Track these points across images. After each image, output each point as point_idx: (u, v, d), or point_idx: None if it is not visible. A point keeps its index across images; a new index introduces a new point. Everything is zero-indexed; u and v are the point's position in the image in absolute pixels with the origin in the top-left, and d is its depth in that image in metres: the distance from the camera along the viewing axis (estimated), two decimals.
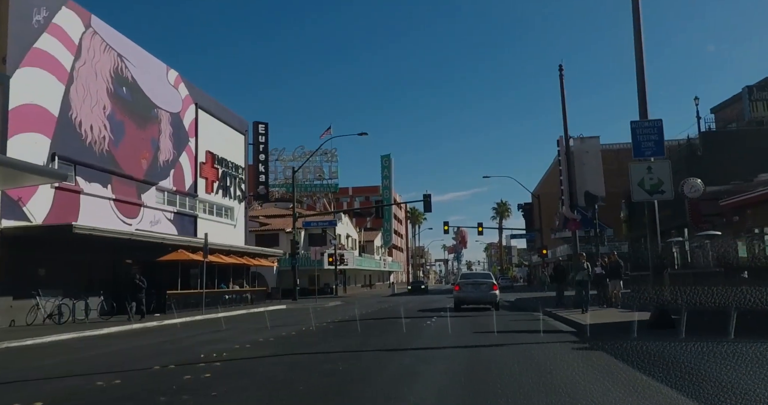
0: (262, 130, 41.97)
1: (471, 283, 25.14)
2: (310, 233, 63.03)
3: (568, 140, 22.94)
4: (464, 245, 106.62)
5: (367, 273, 76.78)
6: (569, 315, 17.26)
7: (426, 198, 40.91)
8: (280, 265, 59.36)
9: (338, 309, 30.57)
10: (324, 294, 58.70)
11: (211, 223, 35.83)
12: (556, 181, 67.91)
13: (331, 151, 78.18)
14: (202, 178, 35.15)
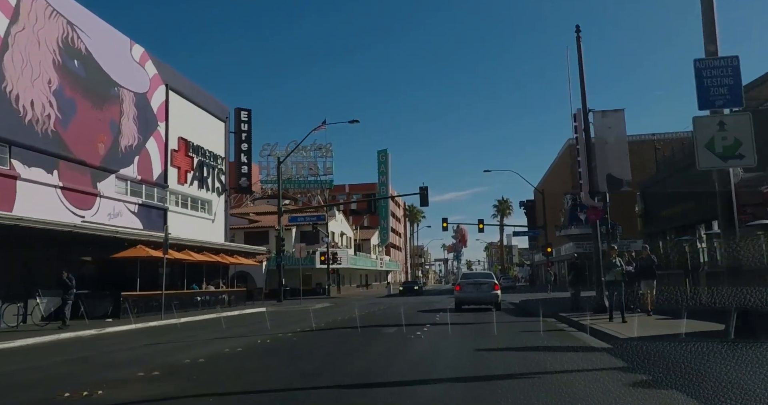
0: (245, 117, 38.23)
1: (472, 283, 24.49)
2: (302, 231, 59.30)
3: (587, 114, 19.14)
4: (464, 244, 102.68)
5: (362, 273, 73.03)
6: (597, 324, 13.47)
7: (422, 191, 37.19)
8: (270, 264, 55.69)
9: (321, 312, 26.84)
10: (316, 294, 55.01)
11: (185, 218, 32.11)
12: (560, 176, 63.85)
13: (326, 146, 74.41)
14: (174, 167, 31.41)
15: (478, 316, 20.54)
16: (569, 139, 58.45)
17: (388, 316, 21.49)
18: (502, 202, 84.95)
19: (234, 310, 28.40)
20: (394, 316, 22.30)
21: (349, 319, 20.56)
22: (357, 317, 22.04)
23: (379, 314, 22.52)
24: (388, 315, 22.90)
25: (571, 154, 60.57)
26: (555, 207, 58.69)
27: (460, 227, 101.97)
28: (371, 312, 24.97)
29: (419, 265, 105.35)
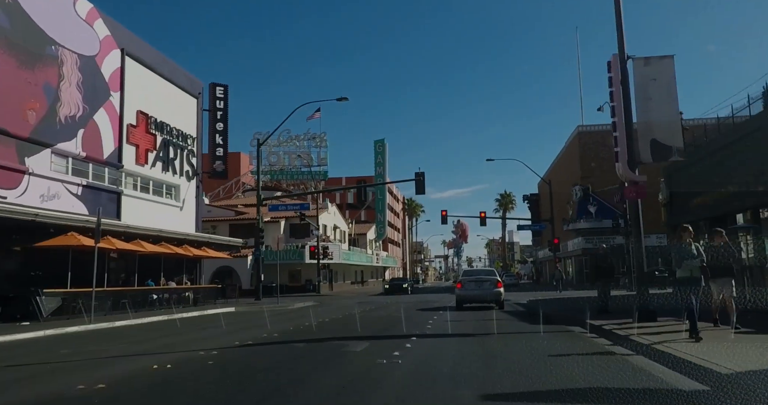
0: (221, 94, 33.74)
1: (474, 281, 23.57)
2: (291, 224, 54.91)
3: (625, 61, 14.55)
4: (464, 240, 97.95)
5: (357, 269, 68.58)
6: (665, 344, 8.90)
7: (418, 177, 32.73)
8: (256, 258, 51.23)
9: (294, 314, 22.44)
10: (305, 292, 50.59)
11: (144, 203, 27.66)
12: (568, 167, 59.10)
13: (320, 136, 69.96)
14: (131, 145, 26.95)
15: (482, 323, 16.12)
16: (578, 125, 53.92)
17: (369, 322, 17.08)
18: (504, 197, 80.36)
19: (196, 311, 23.97)
20: (377, 321, 17.95)
21: (321, 326, 16.18)
22: (331, 322, 17.71)
23: (360, 318, 18.19)
24: (370, 319, 18.47)
25: (581, 142, 55.97)
26: (562, 200, 54.15)
27: (461, 222, 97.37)
28: (352, 314, 20.55)
29: (418, 261, 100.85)
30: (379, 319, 18.58)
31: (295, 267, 52.71)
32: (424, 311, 22.49)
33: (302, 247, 50.63)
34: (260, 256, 33.45)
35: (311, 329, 15.03)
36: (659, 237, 49.63)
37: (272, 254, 51.11)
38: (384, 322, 17.81)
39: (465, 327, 15.02)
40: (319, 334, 13.56)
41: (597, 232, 50.31)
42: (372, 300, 34.05)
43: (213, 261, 50.13)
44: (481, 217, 49.39)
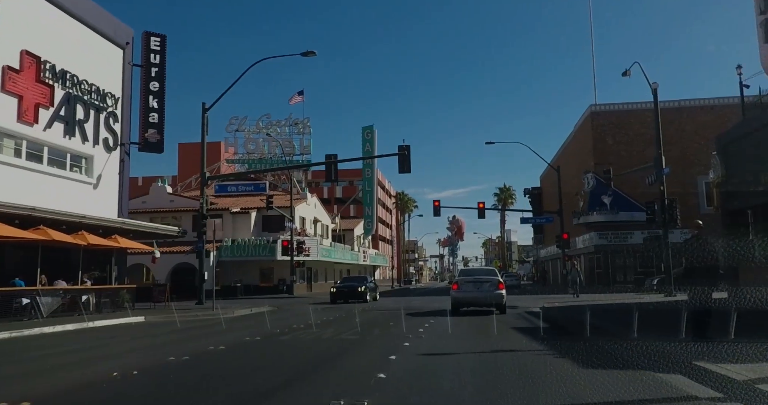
0: (156, 46, 26.42)
1: (472, 281, 20.11)
2: (264, 215, 47.63)
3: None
4: (460, 237, 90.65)
5: (341, 267, 61.28)
6: None
7: (402, 150, 25.59)
8: (221, 254, 43.99)
9: (211, 331, 15.21)
10: (276, 293, 43.28)
11: (35, 176, 20.34)
12: (579, 152, 50.98)
13: (303, 121, 62.73)
14: (11, 95, 19.63)
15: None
16: (591, 105, 46.69)
17: (329, 335, 9.90)
18: (503, 191, 73.14)
19: (74, 323, 16.66)
20: (327, 342, 10.78)
21: (254, 343, 9.08)
22: (278, 334, 10.65)
23: (315, 334, 11.10)
24: (302, 346, 11.23)
25: (594, 124, 48.61)
26: (570, 191, 46.86)
27: (456, 218, 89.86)
28: (304, 328, 13.55)
29: (411, 261, 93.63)
30: (334, 339, 11.47)
31: (266, 264, 45.47)
32: (415, 314, 15.22)
33: (274, 241, 43.38)
34: (202, 249, 26.17)
35: (244, 347, 7.90)
36: (684, 232, 42.42)
37: (239, 249, 43.91)
38: (338, 345, 10.63)
39: (464, 363, 7.70)
40: (251, 362, 6.39)
41: (613, 226, 43.12)
42: (344, 305, 26.79)
43: (170, 258, 43.03)
44: (479, 208, 42.17)
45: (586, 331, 11.27)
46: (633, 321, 9.85)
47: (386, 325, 15.57)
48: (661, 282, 32.99)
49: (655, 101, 27.13)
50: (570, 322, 14.62)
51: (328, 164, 26.60)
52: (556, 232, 57.53)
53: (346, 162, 26.61)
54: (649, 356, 7.84)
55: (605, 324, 12.70)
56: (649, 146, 41.09)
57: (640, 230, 42.67)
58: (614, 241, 42.96)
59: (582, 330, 11.44)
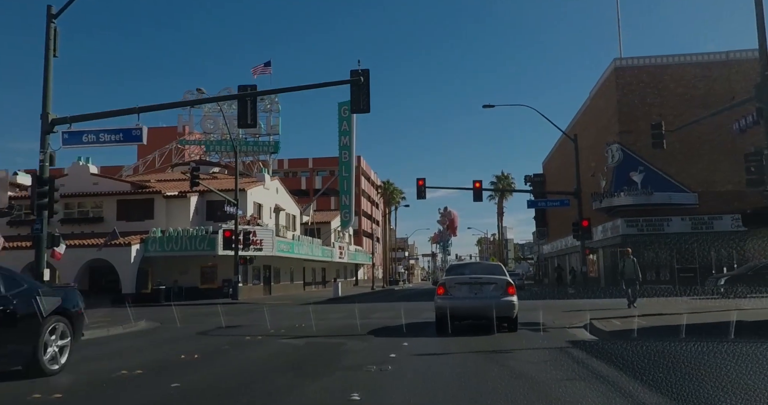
0: None
1: (467, 283, 12.19)
2: (209, 200, 37.67)
3: None
4: (453, 232, 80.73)
5: (314, 266, 51.36)
6: None
7: (356, 76, 15.81)
8: (147, 249, 34.00)
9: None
10: (222, 296, 33.22)
11: None
12: (599, 118, 39.41)
13: (270, 97, 52.66)
14: None
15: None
16: (615, 59, 36.73)
17: None
18: (501, 179, 63.42)
19: None
20: None
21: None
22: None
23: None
24: None
25: (619, 83, 38.15)
26: (587, 170, 36.99)
27: (449, 210, 79.91)
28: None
29: (397, 260, 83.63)
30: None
31: (207, 261, 35.47)
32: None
33: (215, 231, 33.40)
34: (40, 232, 16.13)
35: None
36: (735, 218, 32.57)
37: (171, 241, 33.85)
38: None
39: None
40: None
41: (646, 211, 33.30)
42: (281, 315, 16.90)
43: (80, 253, 33.07)
44: (475, 189, 32.32)
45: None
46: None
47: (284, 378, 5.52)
48: (732, 281, 23.23)
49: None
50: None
51: (242, 103, 16.68)
52: (564, 222, 47.85)
53: (265, 94, 16.65)
54: None
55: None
56: (692, 108, 31.33)
57: (680, 216, 32.94)
58: (647, 230, 33.15)
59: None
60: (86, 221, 36.25)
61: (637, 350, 8.52)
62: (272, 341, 10.90)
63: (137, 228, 34.77)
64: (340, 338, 11.11)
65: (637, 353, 8.26)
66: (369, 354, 8.69)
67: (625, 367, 7.00)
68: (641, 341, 9.28)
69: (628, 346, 8.93)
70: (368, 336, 11.34)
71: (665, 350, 8.38)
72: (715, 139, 33.36)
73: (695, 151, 33.15)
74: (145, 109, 16.57)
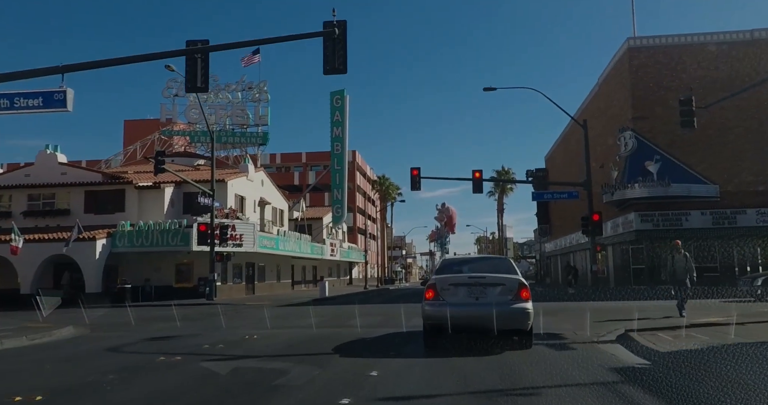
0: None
1: (465, 284, 8.99)
2: (185, 192, 34.47)
3: None
4: (451, 229, 77.40)
5: (304, 263, 48.21)
6: None
7: (330, 27, 12.69)
8: (114, 244, 30.82)
9: None
10: (197, 296, 30.03)
11: None
12: (610, 103, 33.58)
13: (259, 86, 49.86)
14: None
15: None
16: (629, 38, 33.56)
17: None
18: (501, 173, 60.18)
19: None
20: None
21: None
22: None
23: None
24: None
25: (632, 64, 34.65)
26: (599, 157, 33.75)
27: (446, 206, 76.42)
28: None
29: (393, 258, 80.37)
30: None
31: (182, 258, 32.25)
32: None
33: (189, 225, 30.19)
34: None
35: None
36: (761, 212, 29.44)
37: (141, 235, 30.53)
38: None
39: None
40: None
41: (662, 205, 30.09)
42: (206, 323, 13.72)
43: (40, 249, 29.91)
44: (474, 178, 29.11)
45: None
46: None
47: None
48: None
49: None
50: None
51: (190, 61, 13.46)
52: (567, 219, 44.68)
53: (218, 50, 13.39)
54: None
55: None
56: (713, 92, 28.05)
57: (700, 210, 29.71)
58: (663, 225, 29.95)
59: None
60: (51, 214, 33.07)
61: (738, 390, 5.34)
62: (187, 365, 7.76)
63: (107, 221, 31.57)
64: (289, 360, 7.96)
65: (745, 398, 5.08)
66: (310, 396, 5.56)
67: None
68: (730, 370, 6.09)
69: (715, 382, 5.75)
70: (329, 356, 8.19)
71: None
72: (740, 126, 30.27)
73: (717, 139, 30.00)
74: (70, 69, 13.34)
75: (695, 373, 6.25)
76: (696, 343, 7.98)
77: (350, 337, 10.54)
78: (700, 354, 7.28)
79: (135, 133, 61.41)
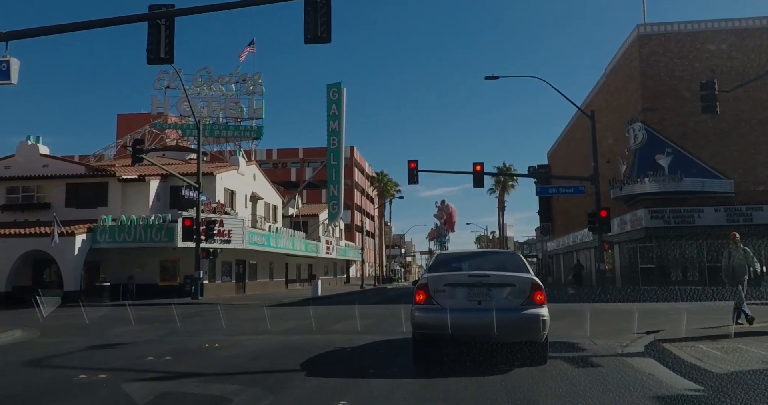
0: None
1: (465, 284, 7.06)
2: (172, 185, 32.74)
3: None
4: (451, 227, 75.54)
5: (298, 262, 46.52)
6: None
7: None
8: (96, 239, 29.12)
9: None
10: (183, 295, 28.32)
11: None
12: (619, 93, 29.99)
13: (253, 78, 48.18)
14: None
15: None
16: (638, 25, 31.81)
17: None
18: (503, 170, 58.44)
19: None
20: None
21: None
22: None
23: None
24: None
25: (642, 52, 32.51)
26: (605, 152, 31.98)
27: (446, 203, 74.63)
28: None
29: (392, 257, 78.65)
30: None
31: (167, 254, 30.53)
32: None
33: (174, 220, 28.48)
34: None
35: None
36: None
37: (123, 230, 28.87)
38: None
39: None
40: None
41: (673, 200, 28.34)
42: (185, 327, 12.02)
43: (16, 244, 28.27)
44: (475, 172, 27.38)
45: None
46: None
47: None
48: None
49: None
50: None
51: (153, 28, 11.73)
52: (571, 217, 42.89)
53: (184, 14, 11.58)
54: None
55: None
56: (728, 82, 26.18)
57: (713, 206, 27.95)
58: (674, 222, 28.20)
59: None
60: (31, 208, 31.37)
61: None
62: (105, 387, 6.07)
63: (89, 216, 29.83)
64: (239, 381, 6.26)
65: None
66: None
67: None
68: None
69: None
70: (292, 375, 6.49)
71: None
72: (754, 118, 28.52)
73: (731, 131, 28.26)
74: (14, 36, 11.61)
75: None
76: (758, 361, 6.26)
77: (328, 347, 8.84)
78: (762, 375, 5.56)
79: (128, 127, 59.55)
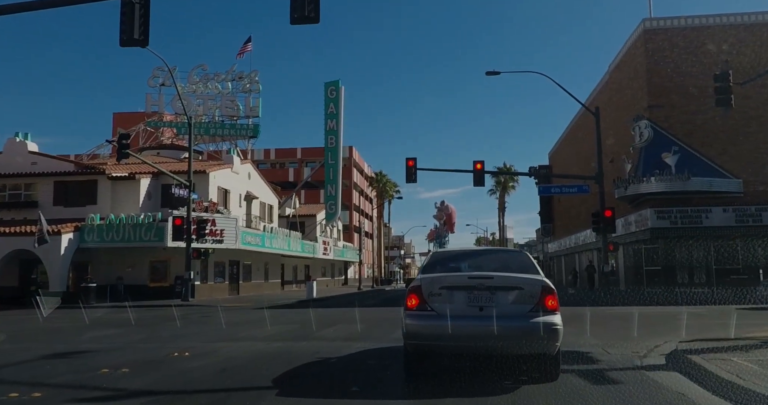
0: None
1: (465, 287, 5.94)
2: (164, 184, 31.74)
3: None
4: (450, 228, 74.40)
5: (295, 263, 45.50)
6: None
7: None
8: (83, 239, 28.14)
9: None
10: (173, 297, 27.31)
11: None
12: (623, 89, 27.91)
13: (250, 76, 47.24)
14: None
15: None
16: (644, 19, 30.85)
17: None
18: (503, 170, 57.43)
19: None
20: None
21: None
22: None
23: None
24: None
25: (648, 47, 31.33)
26: (608, 152, 30.97)
27: (446, 204, 73.49)
28: None
29: (390, 258, 77.50)
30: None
31: (157, 255, 29.52)
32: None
33: (164, 219, 27.49)
34: None
35: None
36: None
37: (112, 230, 27.84)
38: None
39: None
40: None
41: (680, 200, 27.35)
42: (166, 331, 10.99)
43: (0, 243, 27.30)
44: (476, 170, 26.39)
45: None
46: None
47: None
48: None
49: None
50: None
51: (126, 6, 10.76)
52: (572, 218, 41.97)
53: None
54: None
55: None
56: (735, 78, 25.30)
57: (721, 206, 26.96)
58: (681, 223, 27.20)
59: None
60: (18, 206, 30.39)
61: None
62: None
63: (77, 214, 28.84)
64: (193, 403, 5.26)
65: None
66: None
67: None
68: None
69: None
70: (261, 395, 5.49)
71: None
72: (764, 116, 27.53)
73: (740, 129, 27.28)
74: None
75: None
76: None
77: (309, 357, 7.84)
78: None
79: (124, 126, 58.61)
